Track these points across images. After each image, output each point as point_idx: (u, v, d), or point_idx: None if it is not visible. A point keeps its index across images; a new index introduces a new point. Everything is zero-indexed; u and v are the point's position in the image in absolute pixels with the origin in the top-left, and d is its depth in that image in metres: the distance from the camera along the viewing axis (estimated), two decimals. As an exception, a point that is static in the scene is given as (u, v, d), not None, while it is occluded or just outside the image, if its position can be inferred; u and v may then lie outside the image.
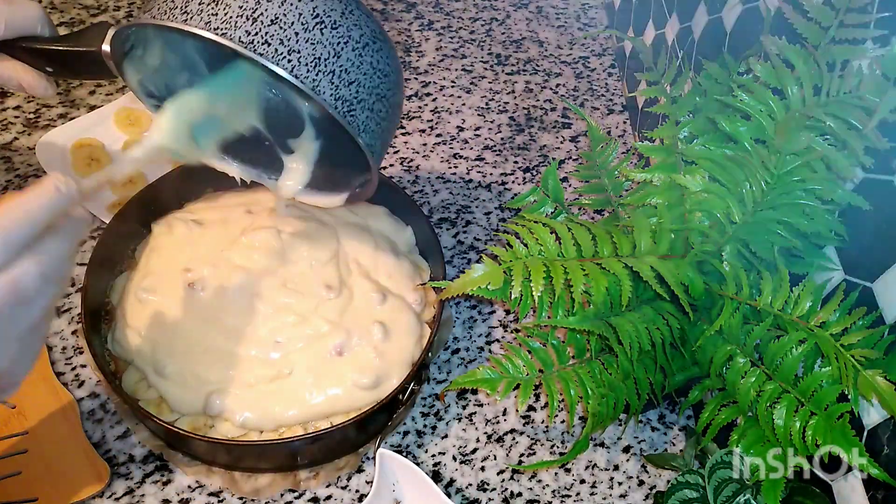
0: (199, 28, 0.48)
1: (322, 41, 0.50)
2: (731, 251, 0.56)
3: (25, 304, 0.41)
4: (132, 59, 0.57)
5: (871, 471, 0.46)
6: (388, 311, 0.68)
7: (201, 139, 0.56)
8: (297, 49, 0.49)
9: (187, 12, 0.49)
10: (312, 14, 0.50)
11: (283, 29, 0.49)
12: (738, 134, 0.54)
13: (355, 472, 0.66)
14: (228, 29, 0.48)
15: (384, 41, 0.54)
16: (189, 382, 0.63)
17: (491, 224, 0.87)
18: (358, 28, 0.52)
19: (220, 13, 0.48)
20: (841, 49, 0.50)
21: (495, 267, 0.53)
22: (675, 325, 0.58)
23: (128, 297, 0.67)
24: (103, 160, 0.84)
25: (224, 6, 0.48)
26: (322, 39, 0.50)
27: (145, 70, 0.59)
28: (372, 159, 0.55)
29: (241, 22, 0.48)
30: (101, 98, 0.94)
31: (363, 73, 0.52)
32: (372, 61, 0.53)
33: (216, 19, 0.48)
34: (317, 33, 0.50)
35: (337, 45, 0.50)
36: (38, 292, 0.41)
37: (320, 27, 0.50)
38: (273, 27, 0.48)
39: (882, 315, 0.49)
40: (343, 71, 0.51)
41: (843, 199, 0.50)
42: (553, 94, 1.03)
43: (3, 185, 0.83)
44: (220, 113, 0.58)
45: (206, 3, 0.49)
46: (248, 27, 0.48)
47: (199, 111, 0.56)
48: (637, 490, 0.67)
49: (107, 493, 0.63)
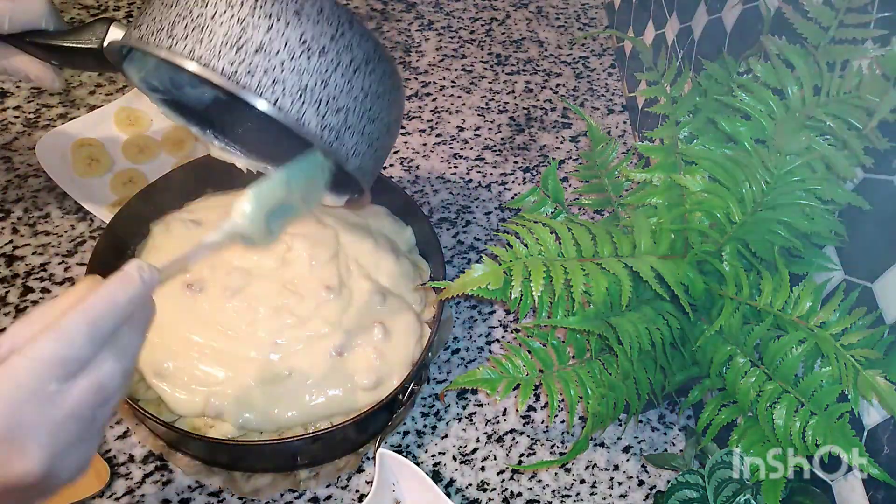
0: (183, 58, 0.47)
1: (309, 69, 0.48)
2: (731, 251, 0.56)
3: (105, 406, 0.39)
4: (132, 58, 0.57)
5: (871, 471, 0.46)
6: (389, 312, 0.68)
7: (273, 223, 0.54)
8: (282, 80, 0.47)
9: (173, 36, 0.48)
10: (300, 41, 0.48)
11: (269, 58, 0.47)
12: (738, 134, 0.54)
13: (355, 472, 0.66)
14: (212, 58, 0.47)
15: (378, 61, 0.52)
16: (187, 384, 0.62)
17: (491, 224, 0.87)
18: (349, 51, 0.50)
19: (204, 40, 0.47)
20: (841, 49, 0.50)
21: (495, 267, 0.53)
22: (675, 325, 0.58)
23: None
24: (103, 160, 0.84)
25: (209, 32, 0.47)
26: (309, 67, 0.48)
27: (147, 67, 0.58)
28: (363, 180, 0.55)
29: (226, 51, 0.47)
30: (101, 98, 0.94)
31: (353, 97, 0.50)
32: (363, 85, 0.51)
33: (200, 47, 0.47)
34: (303, 61, 0.48)
35: (325, 71, 0.49)
36: (117, 392, 0.40)
37: (307, 54, 0.48)
38: (258, 56, 0.47)
39: (882, 315, 0.49)
40: (331, 99, 0.49)
41: (843, 199, 0.50)
42: (553, 94, 1.03)
43: (3, 185, 0.83)
44: (295, 199, 0.56)
45: (191, 28, 0.47)
46: (232, 56, 0.47)
47: (279, 198, 0.54)
48: (637, 490, 0.67)
49: (107, 493, 0.63)
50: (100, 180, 0.83)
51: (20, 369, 0.36)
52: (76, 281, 0.76)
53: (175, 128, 0.89)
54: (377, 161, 0.56)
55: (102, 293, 0.39)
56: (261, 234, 0.51)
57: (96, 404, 0.38)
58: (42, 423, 0.36)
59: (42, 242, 0.79)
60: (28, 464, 0.36)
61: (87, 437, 0.39)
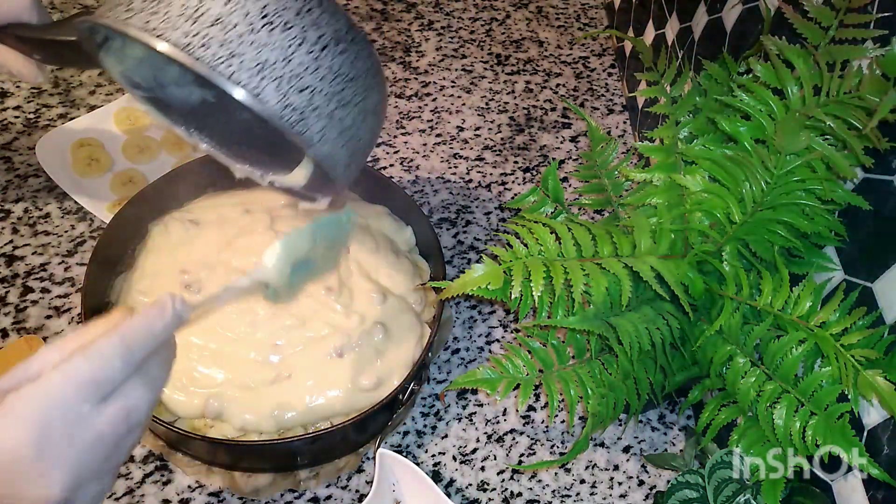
0: (137, 29, 0.45)
1: (270, 43, 0.46)
2: (731, 251, 0.56)
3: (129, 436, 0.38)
4: (109, 49, 0.55)
5: (871, 471, 0.46)
6: (389, 312, 0.67)
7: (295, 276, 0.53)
8: (240, 53, 0.45)
9: (131, 9, 0.46)
10: (260, 14, 0.46)
11: (225, 31, 0.45)
12: (738, 134, 0.54)
13: (355, 472, 0.66)
14: (167, 29, 0.45)
15: (351, 42, 0.49)
16: (186, 386, 0.62)
17: (491, 224, 0.87)
18: (316, 28, 0.47)
19: (160, 12, 0.45)
20: (841, 49, 0.50)
21: (495, 267, 0.53)
22: (675, 325, 0.58)
23: (124, 298, 0.67)
24: (103, 160, 0.84)
25: (166, 4, 0.45)
26: (270, 42, 0.46)
27: (127, 61, 0.56)
28: (333, 170, 0.52)
29: (181, 23, 0.45)
30: (101, 98, 0.94)
31: (319, 77, 0.47)
32: (332, 65, 0.48)
33: (156, 18, 0.45)
34: (263, 35, 0.45)
35: (288, 48, 0.46)
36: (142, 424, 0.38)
37: (268, 28, 0.46)
38: (214, 28, 0.45)
39: (882, 315, 0.49)
40: (294, 77, 0.46)
41: (843, 199, 0.50)
42: (553, 94, 1.03)
43: (3, 185, 0.83)
44: (318, 254, 0.55)
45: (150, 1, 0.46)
46: (188, 28, 0.45)
47: (305, 249, 0.53)
48: (637, 490, 0.67)
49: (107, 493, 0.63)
50: (100, 180, 0.83)
51: (55, 385, 0.35)
52: (76, 280, 0.76)
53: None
54: (352, 152, 0.52)
55: (139, 318, 0.38)
56: (284, 284, 0.51)
57: (123, 432, 0.37)
58: (71, 445, 0.35)
59: (42, 242, 0.79)
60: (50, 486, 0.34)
61: (107, 469, 0.37)
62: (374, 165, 0.91)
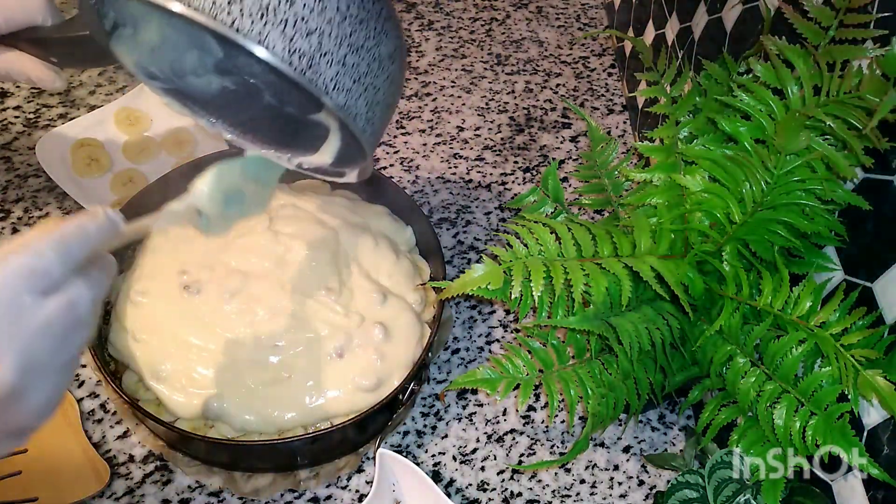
0: None
1: None
2: (731, 251, 0.56)
3: (76, 331, 0.39)
4: (121, 38, 0.54)
5: (871, 471, 0.46)
6: (389, 312, 0.67)
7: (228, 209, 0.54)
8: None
9: None
10: None
11: None
12: (738, 134, 0.54)
13: (355, 472, 0.66)
14: None
15: None
16: (185, 387, 0.62)
17: (491, 224, 0.87)
18: None
19: None
20: (841, 49, 0.50)
21: (495, 267, 0.53)
22: (675, 325, 0.58)
23: (123, 299, 0.67)
24: (103, 160, 0.84)
25: None
26: None
27: (141, 49, 0.55)
28: (353, 124, 0.48)
29: None
30: (101, 98, 0.94)
31: (326, 19, 0.44)
32: (339, 5, 0.45)
33: None
34: None
35: None
36: (87, 320, 0.40)
37: None
38: None
39: (882, 315, 0.49)
40: (299, 19, 0.43)
41: (843, 199, 0.50)
42: (553, 94, 1.03)
43: (3, 185, 0.83)
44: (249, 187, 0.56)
45: None
46: None
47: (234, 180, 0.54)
48: (637, 490, 0.67)
49: (107, 493, 0.63)
50: (100, 180, 0.83)
51: None
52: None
53: (175, 128, 0.89)
54: (370, 103, 0.49)
55: (71, 220, 0.40)
56: (217, 214, 0.52)
57: (69, 323, 0.38)
58: (16, 333, 0.36)
59: (42, 242, 0.79)
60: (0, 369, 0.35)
61: (57, 364, 0.39)
62: (374, 165, 0.91)
